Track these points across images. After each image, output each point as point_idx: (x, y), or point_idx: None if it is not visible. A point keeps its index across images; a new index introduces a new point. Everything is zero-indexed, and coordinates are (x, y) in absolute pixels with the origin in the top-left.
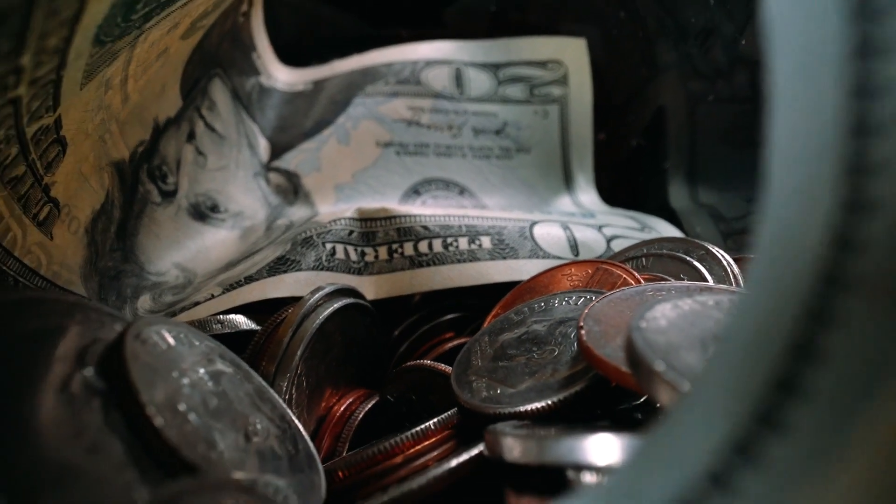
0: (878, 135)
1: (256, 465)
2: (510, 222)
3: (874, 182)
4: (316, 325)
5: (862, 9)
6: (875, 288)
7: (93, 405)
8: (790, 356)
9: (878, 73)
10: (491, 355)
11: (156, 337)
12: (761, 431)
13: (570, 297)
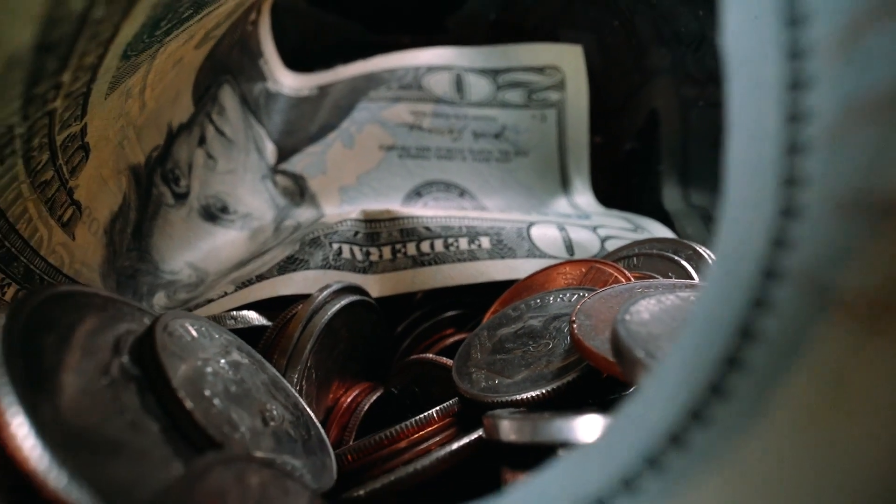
0: (805, 153)
1: (274, 447)
2: (508, 223)
3: (802, 192)
4: (324, 321)
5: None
6: (801, 278)
7: (130, 388)
8: (736, 337)
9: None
10: (490, 349)
11: (181, 329)
12: (710, 398)
13: (565, 295)
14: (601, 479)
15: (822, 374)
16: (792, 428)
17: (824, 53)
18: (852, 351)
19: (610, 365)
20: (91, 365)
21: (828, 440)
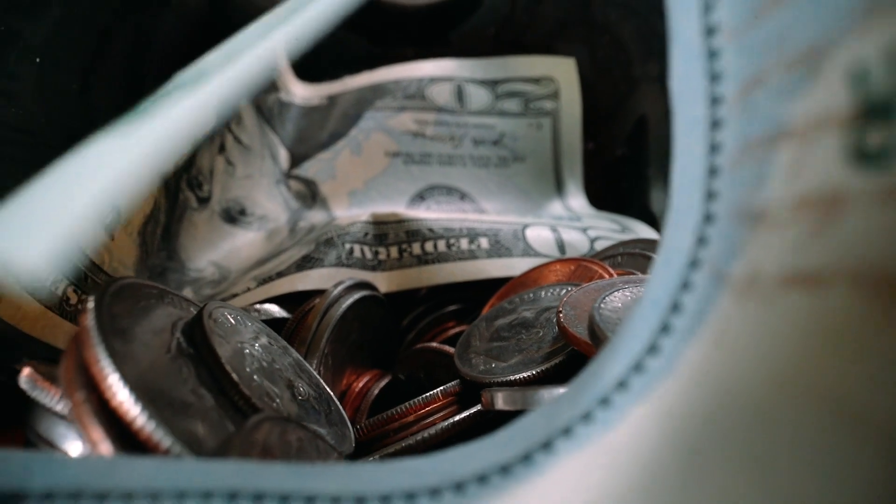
0: (717, 175)
1: (303, 416)
2: (505, 225)
3: (714, 204)
4: (339, 314)
5: (713, 99)
6: (710, 266)
7: (187, 363)
8: (668, 311)
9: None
10: (488, 337)
11: (222, 316)
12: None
13: (554, 289)
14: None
15: (714, 334)
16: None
17: (730, 103)
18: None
19: (589, 348)
20: (157, 342)
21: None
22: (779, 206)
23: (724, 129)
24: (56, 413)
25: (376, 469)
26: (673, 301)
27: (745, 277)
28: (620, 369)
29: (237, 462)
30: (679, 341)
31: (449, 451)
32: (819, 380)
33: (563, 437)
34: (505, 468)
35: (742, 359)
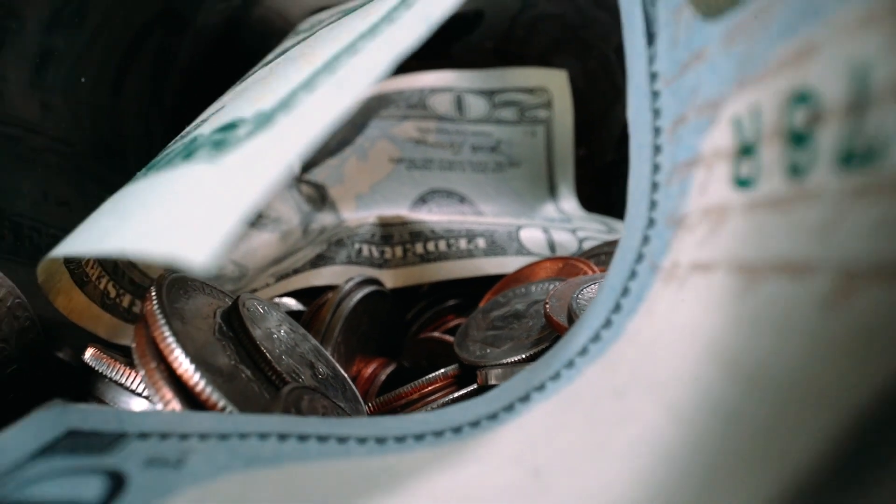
0: (657, 190)
1: (325, 392)
2: (501, 227)
3: (654, 212)
4: (350, 307)
5: (656, 129)
6: (649, 260)
7: (229, 343)
8: (620, 296)
9: (659, 160)
10: (484, 327)
11: (252, 306)
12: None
13: (544, 285)
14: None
15: (647, 308)
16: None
17: (666, 134)
18: (660, 293)
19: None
20: (204, 325)
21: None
22: (692, 215)
23: (662, 154)
24: (116, 382)
25: (392, 420)
26: (624, 287)
27: (669, 266)
28: (583, 340)
29: (281, 415)
30: (625, 317)
31: (450, 406)
32: (708, 333)
33: (537, 391)
34: (492, 416)
35: (661, 323)
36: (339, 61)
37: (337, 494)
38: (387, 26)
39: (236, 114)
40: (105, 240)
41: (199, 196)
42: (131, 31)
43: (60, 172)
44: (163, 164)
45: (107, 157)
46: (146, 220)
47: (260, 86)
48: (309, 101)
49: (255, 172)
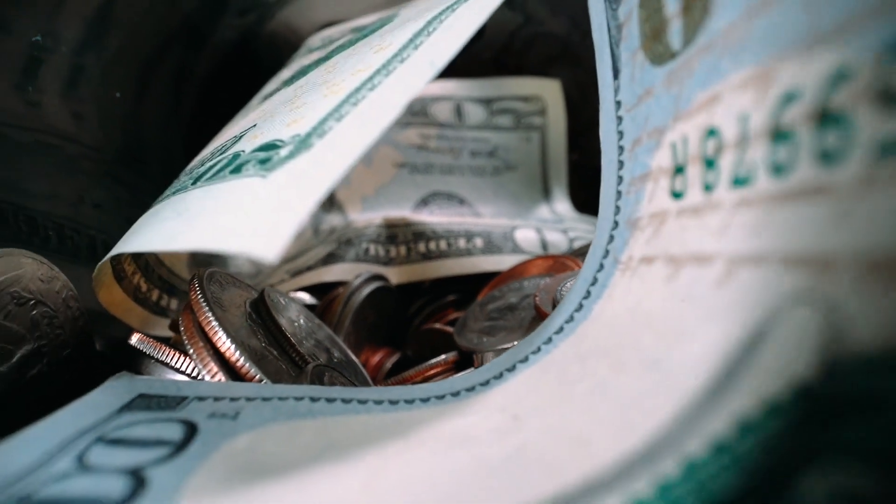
0: (621, 198)
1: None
2: (497, 227)
3: (618, 216)
4: (359, 301)
5: (620, 147)
6: (613, 255)
7: (258, 328)
8: (590, 285)
9: (622, 174)
10: (481, 319)
11: (276, 297)
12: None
13: (535, 280)
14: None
15: (611, 293)
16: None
17: (627, 152)
18: (618, 282)
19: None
20: (238, 312)
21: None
22: (643, 218)
23: (624, 168)
24: (160, 361)
25: (402, 388)
26: (593, 278)
27: (626, 260)
28: (560, 321)
29: (310, 385)
30: (592, 301)
31: (451, 377)
32: (646, 309)
33: (521, 363)
34: (484, 382)
35: (617, 304)
36: (360, 94)
37: (359, 438)
38: (398, 65)
39: (274, 135)
40: (178, 238)
41: (258, 205)
42: (152, 46)
43: (93, 177)
44: (212, 177)
45: (132, 162)
46: (216, 222)
47: (289, 108)
48: (339, 129)
49: (302, 188)
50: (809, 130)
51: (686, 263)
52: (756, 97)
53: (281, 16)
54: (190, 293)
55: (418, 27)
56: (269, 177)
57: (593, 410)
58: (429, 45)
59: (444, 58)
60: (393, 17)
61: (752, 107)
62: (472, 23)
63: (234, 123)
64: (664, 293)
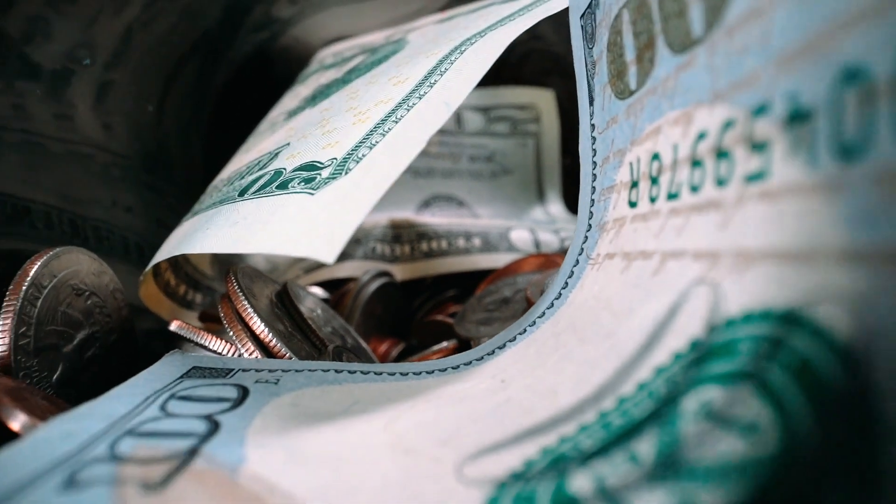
0: (594, 206)
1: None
2: (493, 228)
3: (592, 220)
4: (367, 295)
5: (594, 162)
6: (588, 248)
7: (283, 316)
8: (567, 277)
9: (594, 184)
10: (479, 311)
11: (296, 290)
12: (555, 301)
13: (527, 276)
14: (514, 332)
15: (582, 284)
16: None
17: (599, 167)
18: (588, 274)
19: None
20: (266, 302)
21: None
22: (609, 223)
23: (596, 181)
24: (199, 344)
25: (412, 364)
26: (570, 271)
27: (595, 256)
28: (543, 308)
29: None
30: (569, 291)
31: (452, 356)
32: (607, 295)
33: (510, 342)
34: (479, 358)
35: (586, 292)
36: (386, 125)
37: (378, 398)
38: (417, 101)
39: (311, 157)
40: (242, 243)
41: (312, 217)
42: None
43: (123, 183)
44: (258, 190)
45: (157, 168)
46: (276, 230)
47: (320, 132)
48: (372, 156)
49: (348, 206)
50: (712, 161)
51: (635, 258)
52: (682, 132)
53: (292, 32)
54: (227, 284)
55: (431, 65)
56: (317, 195)
57: (562, 372)
58: (442, 85)
59: (458, 100)
60: (402, 44)
61: (680, 139)
62: (480, 68)
63: (259, 137)
64: (619, 281)
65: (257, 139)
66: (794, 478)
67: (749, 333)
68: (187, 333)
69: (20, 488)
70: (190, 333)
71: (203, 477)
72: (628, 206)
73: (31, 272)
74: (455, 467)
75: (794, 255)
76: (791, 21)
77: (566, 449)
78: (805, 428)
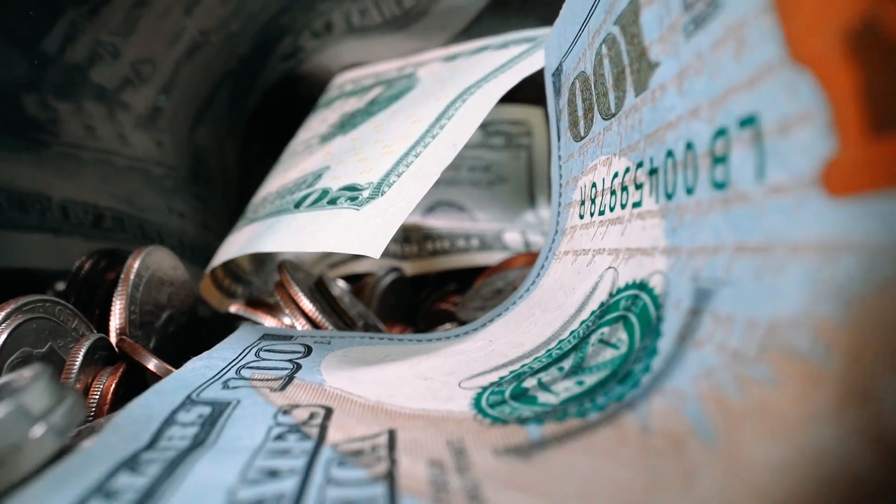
0: (559, 216)
1: None
2: (489, 230)
3: (558, 227)
4: (383, 287)
5: (560, 185)
6: (552, 250)
7: (321, 299)
8: (540, 269)
9: (559, 200)
10: (476, 300)
11: (329, 279)
12: (530, 287)
13: (517, 271)
14: (505, 306)
15: (548, 273)
16: (538, 287)
17: (563, 188)
18: (553, 266)
19: None
20: (307, 288)
21: (543, 288)
22: (568, 229)
23: (561, 198)
24: (255, 322)
25: (424, 333)
26: (542, 265)
27: (558, 254)
28: (522, 292)
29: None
30: (540, 279)
31: (455, 328)
32: (559, 279)
33: (497, 316)
34: (474, 329)
35: (549, 279)
36: (408, 158)
37: (404, 353)
38: (431, 140)
39: (352, 180)
40: (309, 243)
41: (359, 226)
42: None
43: (175, 193)
44: (312, 205)
45: (199, 180)
46: (333, 235)
47: (355, 159)
48: (401, 182)
49: (387, 219)
50: (619, 191)
51: (579, 254)
52: (606, 171)
53: (314, 60)
54: (280, 275)
55: (440, 109)
56: (361, 210)
57: (528, 332)
58: (449, 129)
59: (463, 141)
60: (414, 80)
61: (605, 175)
62: (479, 116)
63: (297, 157)
64: (569, 270)
65: (295, 159)
66: (631, 363)
67: (625, 295)
68: (245, 313)
69: (196, 388)
70: (247, 313)
71: (301, 386)
72: (578, 218)
73: (135, 266)
74: (457, 384)
75: (644, 250)
76: (649, 116)
77: (524, 370)
78: (637, 341)
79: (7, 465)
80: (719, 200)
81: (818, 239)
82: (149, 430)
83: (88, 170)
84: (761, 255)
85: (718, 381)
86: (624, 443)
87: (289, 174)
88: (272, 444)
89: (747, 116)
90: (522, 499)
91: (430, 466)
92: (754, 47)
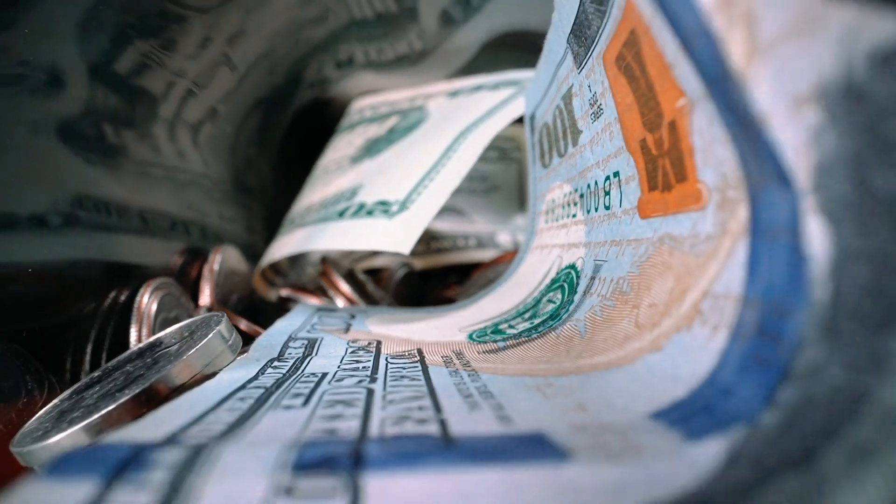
0: (535, 219)
1: None
2: (484, 232)
3: (533, 229)
4: (397, 280)
5: (535, 196)
6: (530, 245)
7: (354, 286)
8: (520, 261)
9: (539, 207)
10: (474, 289)
11: (358, 272)
12: (512, 276)
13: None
14: (494, 285)
15: (525, 261)
16: (517, 272)
17: (537, 200)
18: (526, 257)
19: None
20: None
21: (519, 272)
22: (540, 231)
23: (536, 208)
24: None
25: (433, 307)
26: (521, 257)
27: (532, 248)
28: (506, 276)
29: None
30: (518, 267)
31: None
32: (532, 267)
33: (485, 294)
34: (472, 301)
35: (526, 265)
36: (424, 183)
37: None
38: (441, 168)
39: (384, 196)
40: (353, 243)
41: (392, 231)
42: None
43: (223, 201)
44: (353, 215)
45: (241, 191)
46: (372, 237)
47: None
48: (420, 200)
49: (411, 226)
50: (569, 206)
51: (544, 248)
52: (560, 192)
53: (337, 87)
54: (323, 266)
55: (447, 144)
56: (392, 220)
57: (507, 301)
58: (454, 161)
59: (466, 169)
60: (424, 113)
61: (559, 195)
62: (475, 152)
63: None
64: (536, 258)
65: (329, 176)
66: (561, 309)
67: (564, 273)
68: (295, 296)
69: (292, 332)
70: (297, 296)
71: (357, 332)
72: (545, 223)
73: (217, 259)
74: (457, 330)
75: (575, 244)
76: (579, 161)
77: (499, 322)
78: (565, 298)
79: (214, 362)
80: (606, 216)
81: (636, 237)
82: (276, 349)
83: (160, 185)
84: (616, 245)
85: (594, 310)
86: (546, 342)
87: (328, 189)
88: (350, 355)
89: (614, 172)
90: (491, 366)
91: (442, 357)
92: (614, 137)
